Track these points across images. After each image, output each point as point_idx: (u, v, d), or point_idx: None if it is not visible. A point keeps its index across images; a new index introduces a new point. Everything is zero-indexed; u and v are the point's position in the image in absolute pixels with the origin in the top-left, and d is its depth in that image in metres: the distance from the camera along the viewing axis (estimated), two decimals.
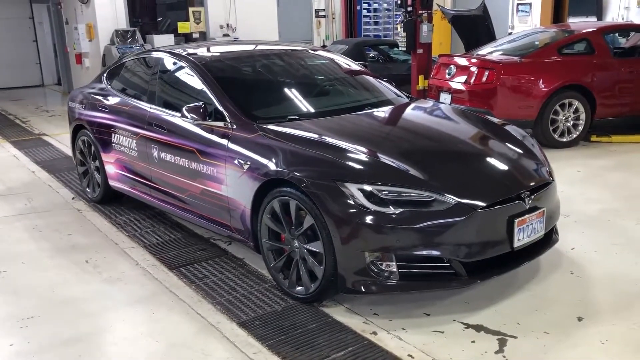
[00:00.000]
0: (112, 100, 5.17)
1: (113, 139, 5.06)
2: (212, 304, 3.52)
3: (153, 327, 3.30)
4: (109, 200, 5.42)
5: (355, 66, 5.09)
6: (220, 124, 3.92)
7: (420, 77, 9.20)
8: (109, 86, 5.39)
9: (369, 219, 3.10)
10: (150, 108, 4.63)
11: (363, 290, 3.20)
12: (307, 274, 3.41)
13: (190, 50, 4.74)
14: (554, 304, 3.43)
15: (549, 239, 3.69)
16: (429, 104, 4.74)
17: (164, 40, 11.58)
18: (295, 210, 3.39)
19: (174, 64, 4.66)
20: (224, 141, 3.85)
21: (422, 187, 3.19)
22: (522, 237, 3.32)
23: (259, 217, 3.62)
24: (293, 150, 3.50)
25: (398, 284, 3.17)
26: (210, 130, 3.98)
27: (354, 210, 3.13)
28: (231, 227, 3.92)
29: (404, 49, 9.53)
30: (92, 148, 5.40)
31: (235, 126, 3.86)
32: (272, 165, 3.50)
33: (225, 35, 12.49)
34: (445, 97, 7.61)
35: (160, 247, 4.45)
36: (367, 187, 3.16)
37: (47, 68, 16.31)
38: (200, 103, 4.01)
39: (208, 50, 4.93)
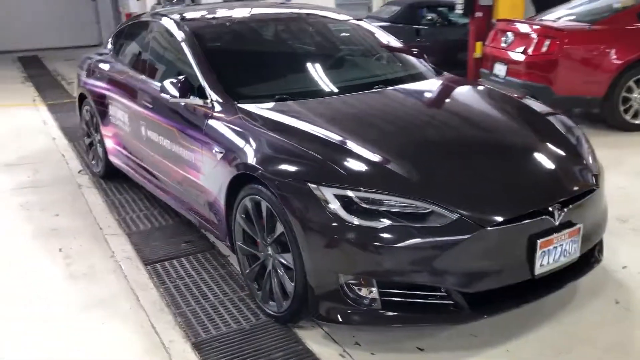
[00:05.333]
0: (110, 69, 4.72)
1: (110, 111, 4.64)
2: (173, 314, 3.03)
3: (96, 344, 2.84)
4: (113, 176, 5.02)
5: (378, 36, 4.35)
6: (200, 102, 3.37)
7: (478, 44, 8.21)
8: (111, 52, 4.94)
9: (345, 233, 2.47)
10: (140, 80, 4.13)
11: (340, 319, 2.59)
12: (279, 288, 2.85)
13: (185, 15, 4.16)
14: (585, 345, 2.70)
15: (587, 259, 2.93)
16: (457, 83, 3.84)
17: None
18: (267, 213, 2.81)
19: (165, 29, 4.10)
20: (202, 123, 3.30)
21: (417, 196, 2.51)
22: (546, 262, 2.60)
23: (233, 215, 3.07)
24: (267, 139, 2.90)
25: (380, 315, 2.54)
26: (193, 109, 3.44)
27: (327, 221, 2.50)
28: (210, 221, 3.40)
29: (461, 11, 8.52)
30: (94, 119, 5.00)
31: (216, 106, 3.29)
32: (243, 157, 2.92)
33: None
34: (500, 69, 6.71)
35: (145, 235, 4.00)
36: (346, 193, 2.52)
37: (106, 28, 16.20)
38: (182, 77, 3.45)
39: (207, 13, 4.31)
